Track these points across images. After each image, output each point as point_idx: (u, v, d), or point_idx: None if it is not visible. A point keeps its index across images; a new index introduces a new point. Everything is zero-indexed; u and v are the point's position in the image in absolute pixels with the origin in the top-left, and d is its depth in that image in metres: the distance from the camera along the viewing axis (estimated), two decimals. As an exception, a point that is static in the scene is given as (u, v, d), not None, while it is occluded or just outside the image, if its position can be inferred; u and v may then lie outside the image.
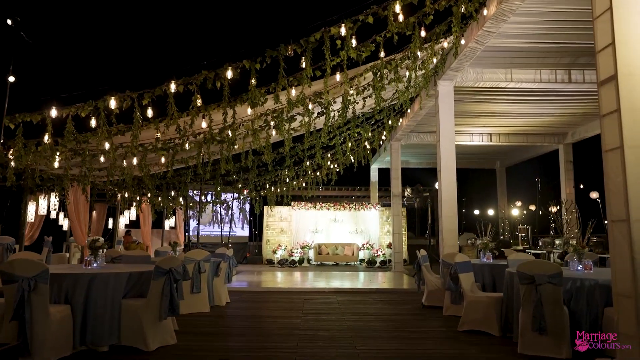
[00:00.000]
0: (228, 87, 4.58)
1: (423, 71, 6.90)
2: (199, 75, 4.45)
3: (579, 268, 4.75)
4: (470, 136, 13.95)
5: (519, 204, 17.20)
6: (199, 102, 4.66)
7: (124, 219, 11.32)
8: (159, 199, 10.75)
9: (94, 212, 13.74)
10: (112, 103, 4.39)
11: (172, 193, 10.06)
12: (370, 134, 9.88)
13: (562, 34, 7.22)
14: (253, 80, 4.53)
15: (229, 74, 4.41)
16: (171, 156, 6.64)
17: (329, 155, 10.35)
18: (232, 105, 4.92)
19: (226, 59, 4.31)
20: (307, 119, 6.22)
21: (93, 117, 4.59)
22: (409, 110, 10.88)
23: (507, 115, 11.72)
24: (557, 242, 10.61)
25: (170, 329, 4.48)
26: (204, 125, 5.26)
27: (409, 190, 11.61)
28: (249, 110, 5.08)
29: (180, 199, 10.96)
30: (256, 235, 18.33)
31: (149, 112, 4.83)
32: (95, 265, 4.75)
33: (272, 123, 5.90)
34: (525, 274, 4.12)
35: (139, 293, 4.41)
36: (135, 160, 6.12)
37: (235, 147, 6.41)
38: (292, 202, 17.49)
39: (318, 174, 11.86)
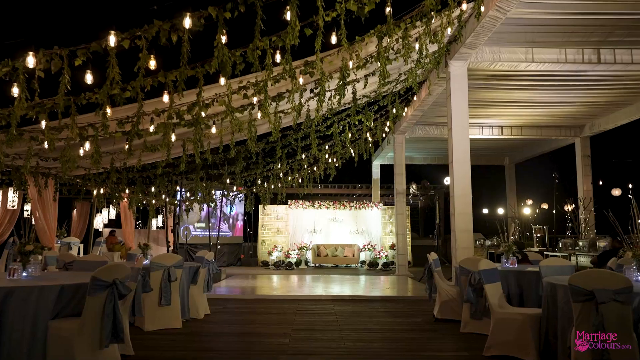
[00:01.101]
0: (188, 42, 3.57)
1: (435, 44, 5.88)
2: (150, 26, 3.45)
3: None
4: (479, 128, 12.94)
5: (529, 202, 16.20)
6: (152, 63, 3.65)
7: (101, 218, 10.34)
8: (140, 195, 9.78)
9: (74, 211, 12.74)
10: (31, 61, 3.37)
11: (153, 189, 9.08)
12: (372, 124, 8.87)
13: (594, 3, 6.22)
14: (223, 38, 3.53)
15: (187, 22, 3.40)
16: (142, 145, 5.62)
17: (326, 147, 9.37)
18: (197, 72, 3.91)
19: (184, 4, 3.32)
20: (296, 98, 5.20)
21: (15, 85, 3.59)
22: (414, 98, 9.86)
23: (522, 104, 10.70)
24: (580, 243, 9.58)
25: (115, 357, 3.48)
26: (165, 99, 4.25)
27: (414, 186, 10.62)
28: (223, 81, 4.09)
29: (164, 196, 9.96)
30: (251, 235, 17.32)
31: (88, 78, 3.83)
32: (24, 275, 3.75)
33: (254, 99, 4.90)
34: (581, 288, 3.11)
35: (77, 311, 3.41)
36: (88, 146, 5.09)
37: (213, 130, 5.40)
38: (289, 201, 16.51)
39: (315, 168, 10.85)
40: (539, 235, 12.79)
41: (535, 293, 5.07)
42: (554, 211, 14.58)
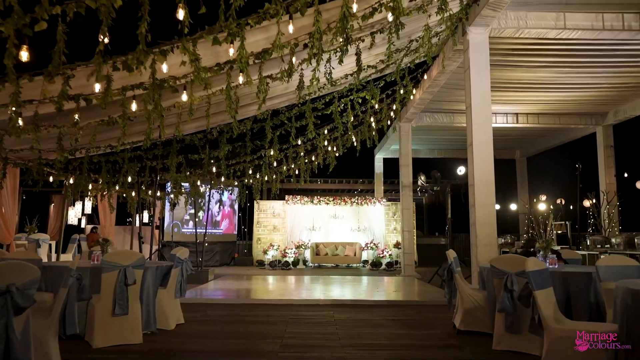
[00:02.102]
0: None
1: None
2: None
3: None
4: (493, 117, 11.82)
5: (543, 198, 15.11)
6: None
7: (74, 212, 9.31)
8: (110, 185, 8.68)
9: (52, 206, 11.68)
10: None
11: (130, 179, 8.01)
12: (377, 105, 7.80)
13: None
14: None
15: None
16: (94, 114, 4.56)
17: (325, 132, 8.32)
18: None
19: None
20: (285, 54, 4.13)
21: None
22: (425, 77, 8.79)
23: (543, 86, 9.62)
24: (613, 240, 8.52)
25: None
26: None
27: (422, 178, 9.57)
28: (182, 14, 3.06)
29: (144, 187, 8.88)
30: (245, 233, 16.27)
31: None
32: None
33: (230, 50, 3.86)
34: None
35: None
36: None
37: (184, 98, 4.31)
38: (286, 196, 15.48)
39: (313, 158, 9.79)
40: (559, 232, 11.71)
41: (585, 300, 4.03)
42: (571, 207, 13.53)
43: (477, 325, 4.64)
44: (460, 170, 8.74)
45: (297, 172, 9.97)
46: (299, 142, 8.24)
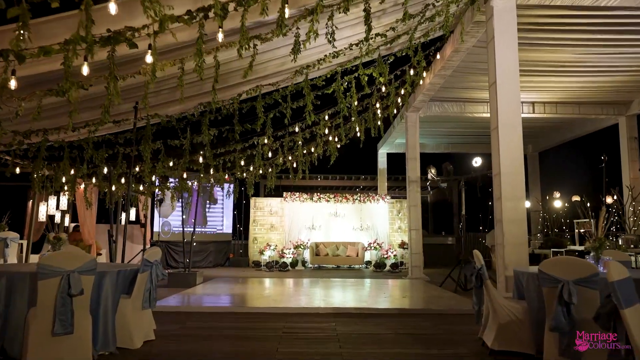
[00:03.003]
0: None
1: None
2: None
3: None
4: (507, 106, 10.96)
5: (557, 194, 14.19)
6: None
7: (46, 208, 8.41)
8: (92, 179, 7.76)
9: (29, 203, 10.73)
10: None
11: (106, 170, 7.06)
12: (384, 86, 6.87)
13: None
14: None
15: None
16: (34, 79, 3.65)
17: (325, 117, 7.38)
18: None
19: None
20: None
21: None
22: (438, 56, 7.88)
23: (566, 70, 8.70)
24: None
25: None
26: None
27: (433, 171, 8.66)
28: None
29: (123, 180, 7.94)
30: (241, 232, 15.38)
31: None
32: None
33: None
34: None
35: None
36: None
37: (148, 60, 3.40)
38: (284, 193, 14.60)
39: (312, 149, 8.87)
40: (582, 230, 10.80)
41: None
42: (588, 204, 12.61)
43: (515, 344, 3.74)
44: (476, 161, 7.85)
45: (294, 165, 9.05)
46: (296, 129, 7.32)
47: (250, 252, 14.57)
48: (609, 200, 11.39)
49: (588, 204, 13.10)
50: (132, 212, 12.08)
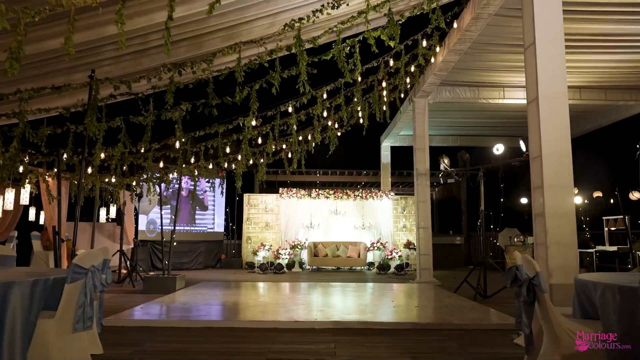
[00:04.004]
0: None
1: None
2: None
3: None
4: (524, 92, 9.88)
5: (574, 190, 13.14)
6: None
7: (1, 200, 7.36)
8: (53, 168, 6.69)
9: (4, 197, 9.66)
10: None
11: (65, 155, 5.95)
12: (395, 51, 5.80)
13: None
14: None
15: None
16: None
17: (323, 95, 6.28)
18: None
19: None
20: None
21: None
22: (454, 24, 6.79)
23: (599, 43, 7.59)
24: None
25: None
26: None
27: (446, 161, 7.60)
28: None
29: (90, 169, 6.81)
30: (234, 231, 14.32)
31: None
32: None
33: None
34: None
35: None
36: None
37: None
38: (280, 189, 13.55)
39: (309, 137, 7.77)
40: (612, 229, 9.75)
41: None
42: (612, 201, 11.56)
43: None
44: (497, 149, 6.79)
45: (289, 155, 7.97)
46: (290, 109, 6.21)
47: (243, 253, 13.52)
48: (634, 196, 10.35)
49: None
50: (117, 208, 11.03)
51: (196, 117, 4.90)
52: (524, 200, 12.56)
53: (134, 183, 7.73)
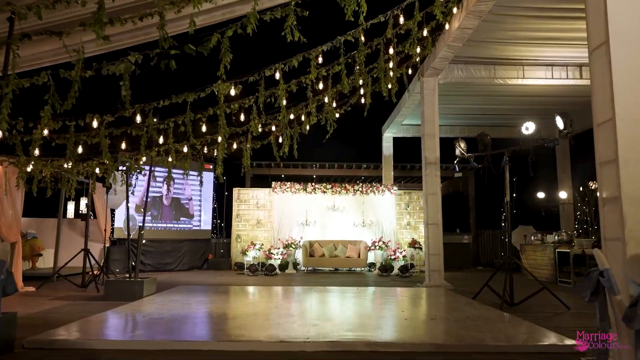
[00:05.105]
0: None
1: None
2: None
3: None
4: (548, 69, 8.78)
5: (592, 185, 11.99)
6: None
7: None
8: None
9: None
10: None
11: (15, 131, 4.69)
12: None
13: None
14: None
15: None
16: None
17: (318, 58, 5.08)
18: None
19: None
20: None
21: None
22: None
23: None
24: None
25: None
26: None
27: (462, 145, 6.47)
28: None
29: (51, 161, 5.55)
30: (222, 228, 13.16)
31: None
32: None
33: None
34: None
35: None
36: None
37: None
38: (273, 183, 12.40)
39: (303, 117, 6.59)
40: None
41: None
42: None
43: None
44: (527, 128, 5.65)
45: (280, 140, 6.77)
46: (276, 74, 4.99)
47: (232, 253, 12.37)
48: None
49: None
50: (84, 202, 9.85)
51: (158, 84, 3.83)
52: (540, 195, 11.42)
53: (97, 170, 6.55)
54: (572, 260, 8.58)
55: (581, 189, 11.21)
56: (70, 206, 9.49)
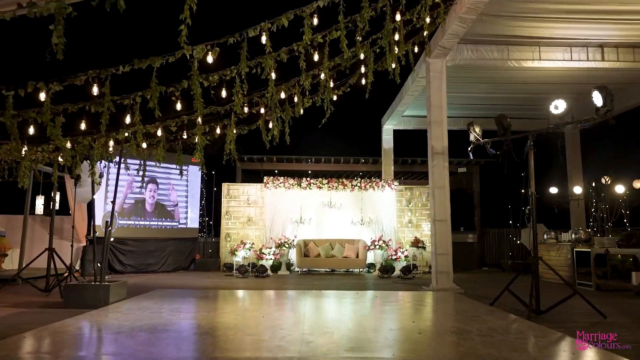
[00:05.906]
0: None
1: None
2: None
3: None
4: (566, 50, 7.95)
5: (607, 180, 11.18)
6: None
7: None
8: None
9: None
10: None
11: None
12: None
13: None
14: None
15: None
16: None
17: (313, 18, 4.24)
18: None
19: None
20: None
21: None
22: None
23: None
24: None
25: None
26: None
27: (477, 130, 5.63)
28: None
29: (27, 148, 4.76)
30: (211, 226, 12.29)
31: None
32: None
33: None
34: None
35: None
36: None
37: None
38: (265, 178, 11.56)
39: (295, 98, 5.73)
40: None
41: None
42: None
43: None
44: (556, 106, 4.82)
45: (269, 124, 5.90)
46: (263, 37, 4.13)
47: (221, 252, 11.52)
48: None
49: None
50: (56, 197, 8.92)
51: (119, 47, 3.03)
52: (553, 190, 10.60)
53: (60, 158, 5.69)
54: (594, 261, 7.77)
55: (594, 184, 10.40)
56: (39, 201, 8.59)
